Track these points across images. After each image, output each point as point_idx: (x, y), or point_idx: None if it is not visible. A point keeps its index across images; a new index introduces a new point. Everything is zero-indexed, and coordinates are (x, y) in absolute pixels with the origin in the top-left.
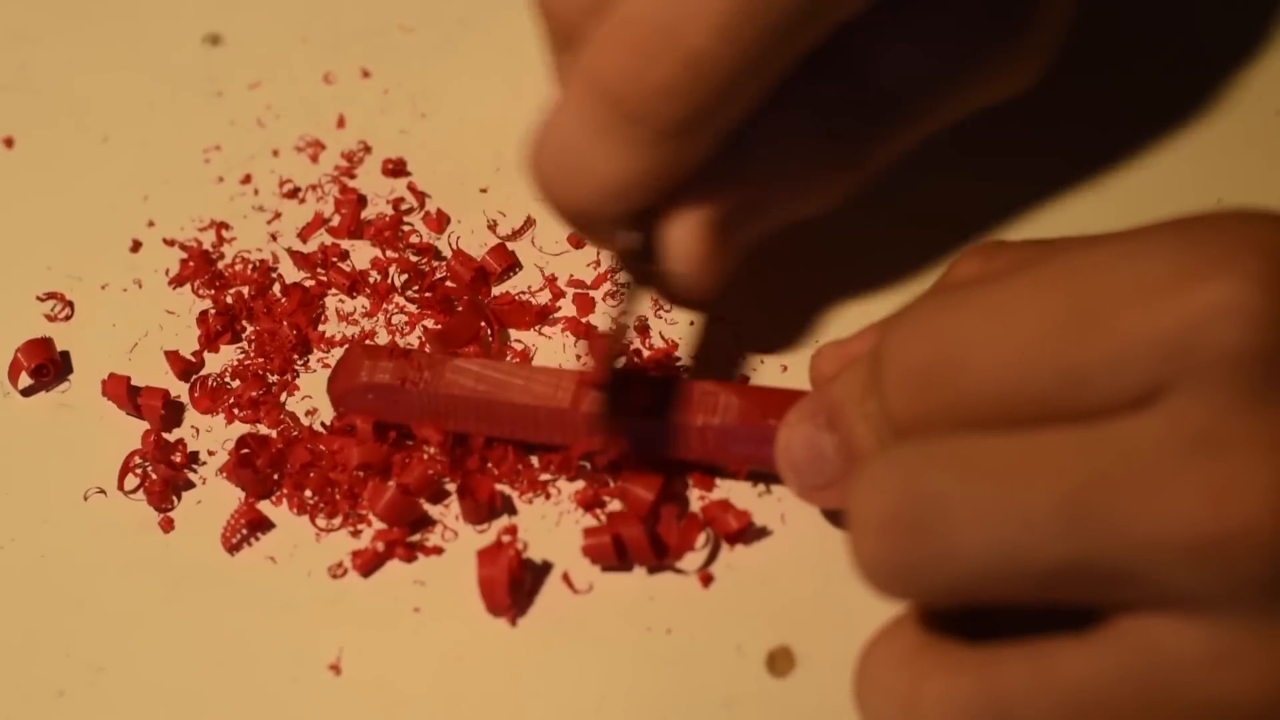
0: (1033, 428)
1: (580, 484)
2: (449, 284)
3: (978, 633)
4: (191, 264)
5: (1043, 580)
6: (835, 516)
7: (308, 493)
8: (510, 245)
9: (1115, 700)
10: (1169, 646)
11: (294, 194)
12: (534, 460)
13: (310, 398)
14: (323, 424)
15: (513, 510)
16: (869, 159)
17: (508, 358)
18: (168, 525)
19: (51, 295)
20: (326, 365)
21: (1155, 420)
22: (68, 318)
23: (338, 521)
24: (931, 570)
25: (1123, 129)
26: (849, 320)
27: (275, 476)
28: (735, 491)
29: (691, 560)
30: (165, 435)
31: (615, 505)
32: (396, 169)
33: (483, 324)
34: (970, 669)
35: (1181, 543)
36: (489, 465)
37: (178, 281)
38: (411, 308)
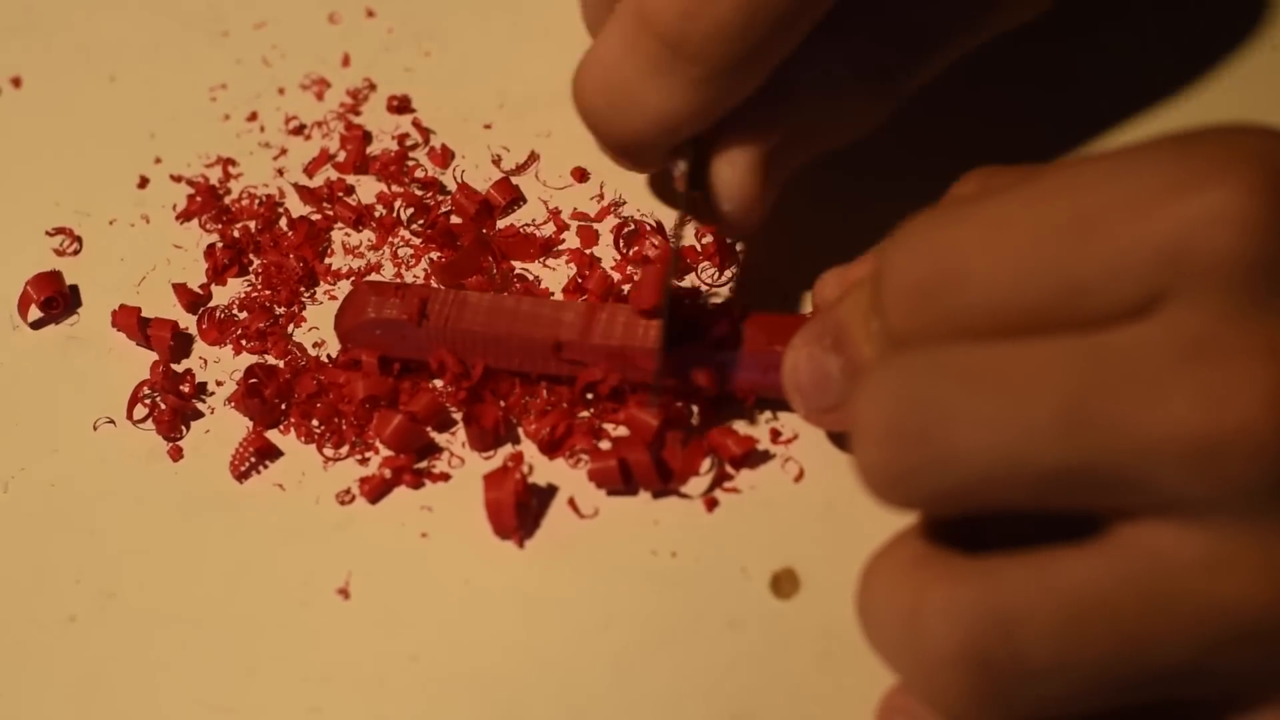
0: (1032, 337)
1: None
2: (454, 218)
3: (980, 547)
4: (199, 199)
5: (1043, 486)
6: (839, 440)
7: (315, 422)
8: (514, 179)
9: (1115, 606)
10: (1168, 552)
11: (300, 131)
12: (543, 392)
13: (317, 329)
14: (328, 357)
15: (516, 439)
16: (902, 87)
17: (511, 288)
18: (176, 454)
19: (60, 230)
20: (333, 297)
21: (1153, 328)
22: (76, 253)
23: (345, 450)
24: (933, 476)
25: (1125, 66)
26: (851, 250)
27: (283, 406)
28: (740, 416)
29: (696, 485)
30: (174, 366)
31: (620, 431)
32: (401, 106)
33: (487, 257)
34: (972, 578)
35: (1179, 448)
36: (500, 400)
37: (185, 216)
38: (417, 241)
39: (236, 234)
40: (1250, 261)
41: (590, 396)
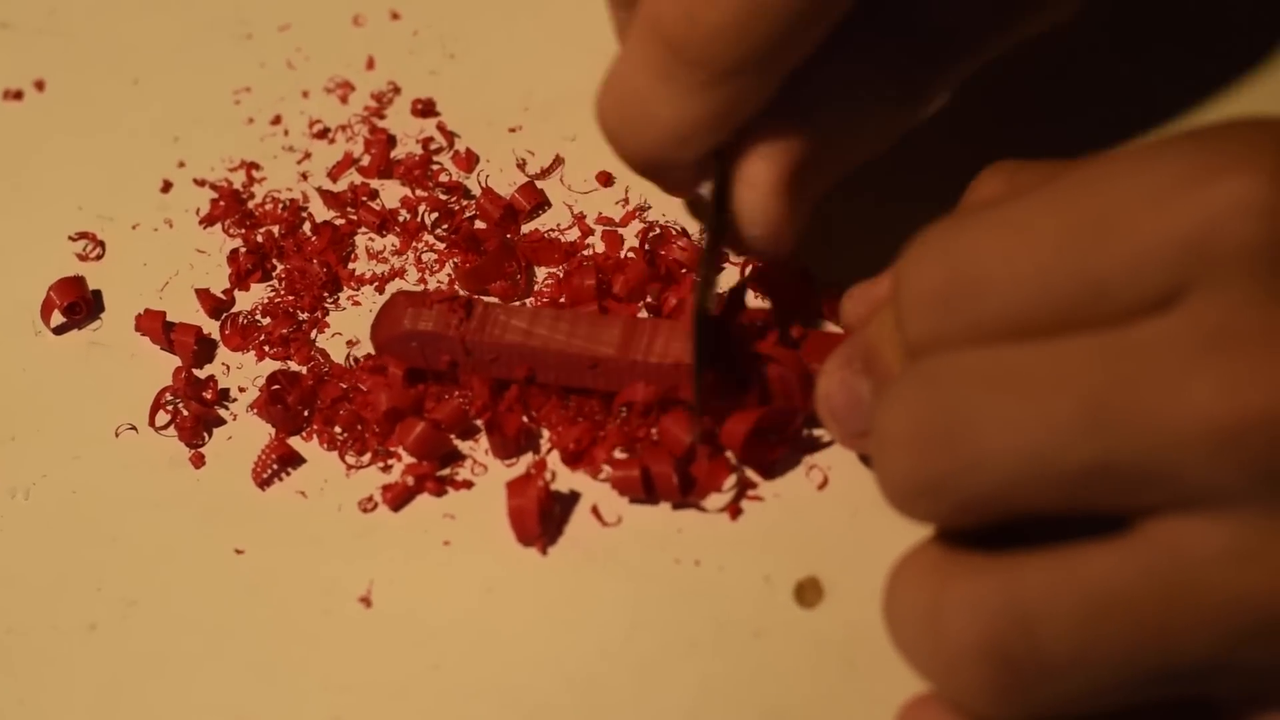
0: (1053, 338)
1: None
2: (478, 222)
3: (1002, 550)
4: (222, 204)
5: (1069, 485)
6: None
7: (337, 429)
8: (539, 184)
9: (1137, 598)
10: (1192, 544)
11: (324, 134)
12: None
13: (340, 335)
14: (354, 359)
15: (536, 449)
16: (928, 97)
17: (534, 289)
18: (199, 461)
19: (83, 235)
20: (356, 303)
21: (1175, 320)
22: (99, 257)
23: (367, 458)
24: (960, 483)
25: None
26: (875, 263)
27: (305, 413)
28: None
29: (717, 499)
30: (196, 372)
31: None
32: (426, 109)
33: (512, 262)
34: (993, 572)
35: (1202, 436)
36: (532, 412)
37: (208, 221)
38: (441, 246)
39: (260, 239)
40: (1270, 248)
41: (625, 413)
